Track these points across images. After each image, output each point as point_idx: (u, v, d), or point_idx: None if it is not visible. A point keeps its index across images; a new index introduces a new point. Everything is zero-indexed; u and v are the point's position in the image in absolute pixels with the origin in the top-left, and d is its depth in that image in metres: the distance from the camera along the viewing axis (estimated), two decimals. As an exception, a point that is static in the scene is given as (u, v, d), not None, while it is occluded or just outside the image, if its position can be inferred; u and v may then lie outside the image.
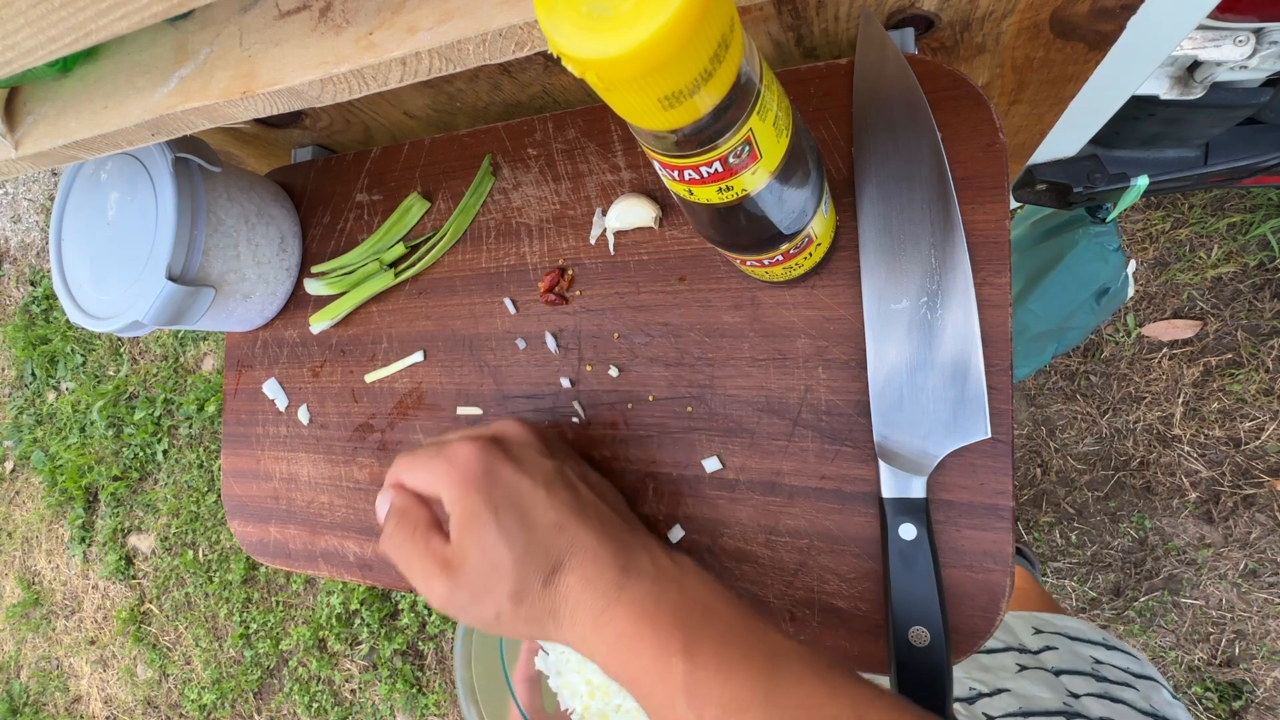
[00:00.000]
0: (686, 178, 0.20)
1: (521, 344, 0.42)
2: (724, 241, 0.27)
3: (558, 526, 0.30)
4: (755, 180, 0.21)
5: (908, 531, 0.31)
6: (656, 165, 0.21)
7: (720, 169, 0.20)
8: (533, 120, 0.43)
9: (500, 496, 0.30)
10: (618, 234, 0.40)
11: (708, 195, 0.21)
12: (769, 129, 0.20)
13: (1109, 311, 0.87)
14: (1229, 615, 1.00)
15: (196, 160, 0.43)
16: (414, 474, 0.32)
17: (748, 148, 0.19)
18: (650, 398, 0.39)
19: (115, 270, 0.43)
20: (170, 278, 0.41)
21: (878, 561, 0.33)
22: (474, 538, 0.29)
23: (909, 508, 0.31)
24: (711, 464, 0.37)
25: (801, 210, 0.25)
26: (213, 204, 0.44)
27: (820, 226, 0.28)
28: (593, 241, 0.40)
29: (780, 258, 0.28)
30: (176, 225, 0.41)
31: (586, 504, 0.31)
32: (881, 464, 0.32)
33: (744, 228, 0.24)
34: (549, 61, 0.41)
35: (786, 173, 0.22)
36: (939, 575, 0.31)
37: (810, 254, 0.30)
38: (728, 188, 0.21)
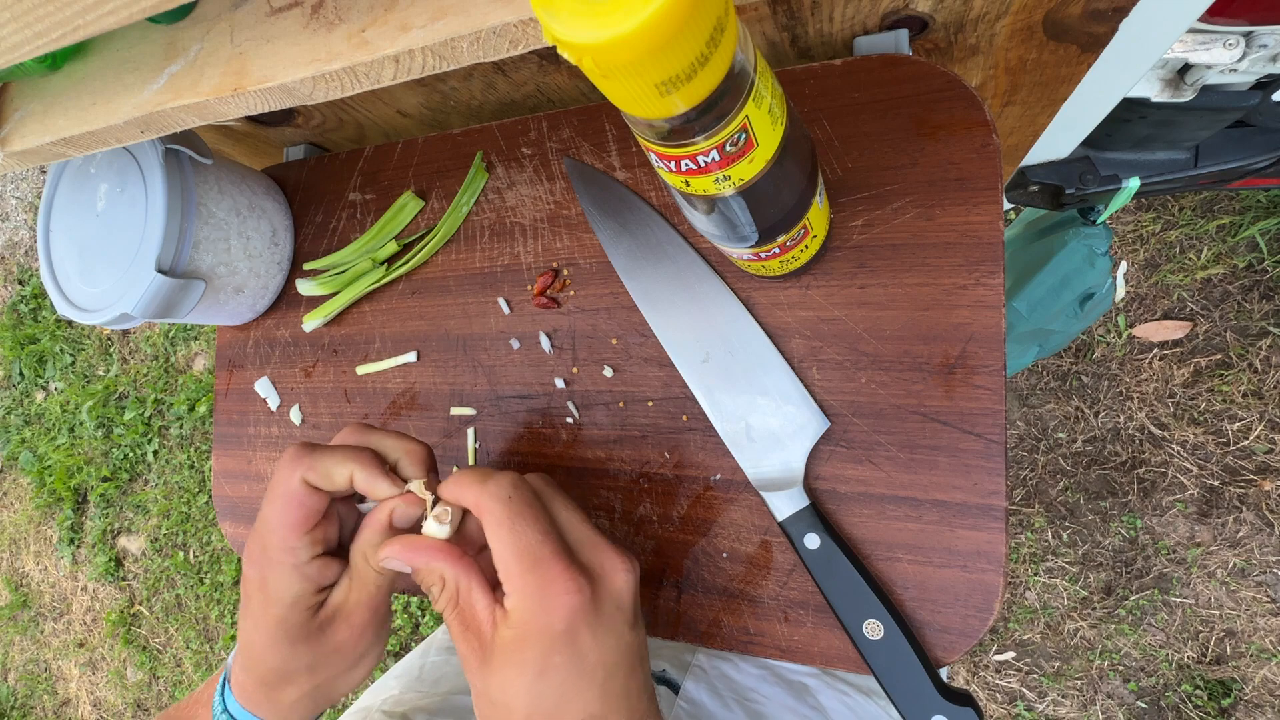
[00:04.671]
0: (684, 168, 0.20)
1: (516, 344, 0.42)
2: (721, 235, 0.26)
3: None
4: (752, 169, 0.21)
5: (812, 541, 0.33)
6: (653, 158, 0.21)
7: (717, 157, 0.20)
8: (527, 120, 0.43)
9: (568, 653, 0.27)
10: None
11: (705, 186, 0.21)
12: (765, 116, 0.19)
13: (1092, 318, 0.87)
14: (1218, 614, 1.00)
15: (187, 152, 0.42)
16: (513, 537, 0.28)
17: (744, 135, 0.19)
18: (645, 398, 0.39)
19: (104, 262, 0.43)
20: (160, 270, 0.41)
21: (871, 562, 0.34)
22: (525, 670, 0.27)
23: (802, 520, 0.33)
24: (707, 464, 0.37)
25: (798, 200, 0.25)
26: (203, 196, 0.43)
27: (816, 218, 0.28)
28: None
29: (777, 250, 0.28)
30: (166, 217, 0.40)
31: (637, 696, 0.28)
32: (764, 494, 0.34)
33: (741, 219, 0.24)
34: (543, 60, 0.41)
35: (782, 161, 0.22)
36: (863, 568, 0.32)
37: (806, 246, 0.30)
38: (725, 177, 0.21)
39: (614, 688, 0.27)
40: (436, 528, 0.30)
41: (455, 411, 0.44)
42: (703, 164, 0.20)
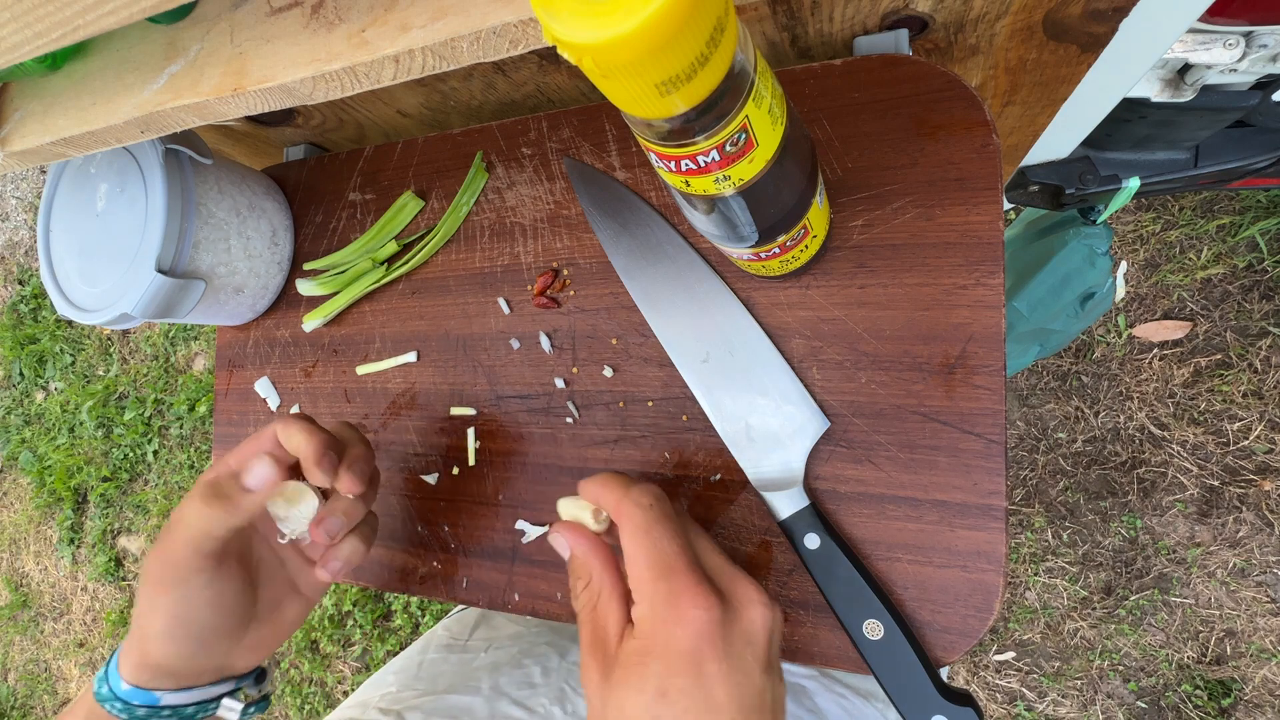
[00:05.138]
0: (684, 168, 0.20)
1: (516, 344, 0.42)
2: (721, 235, 0.26)
3: None
4: (752, 169, 0.21)
5: (812, 541, 0.33)
6: (653, 158, 0.21)
7: (717, 157, 0.20)
8: (527, 120, 0.43)
9: (692, 679, 0.24)
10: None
11: (705, 186, 0.21)
12: (764, 116, 0.19)
13: (1093, 317, 0.87)
14: (1218, 614, 1.00)
15: (187, 152, 0.42)
16: (649, 543, 0.26)
17: (744, 135, 0.19)
18: (645, 398, 0.39)
19: (104, 262, 0.43)
20: (160, 270, 0.41)
21: (871, 562, 0.34)
22: (644, 688, 0.24)
23: (802, 520, 0.33)
24: (707, 464, 0.37)
25: (798, 200, 0.25)
26: (203, 196, 0.43)
27: (816, 218, 0.28)
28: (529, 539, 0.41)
29: (777, 250, 0.28)
30: (166, 217, 0.40)
31: None
32: (764, 494, 0.34)
33: (741, 219, 0.24)
34: (543, 60, 0.41)
35: (782, 161, 0.22)
36: (863, 568, 0.32)
37: (806, 246, 0.30)
38: (725, 177, 0.21)
39: None
40: (593, 524, 0.30)
41: (455, 411, 0.44)
42: (703, 164, 0.20)
